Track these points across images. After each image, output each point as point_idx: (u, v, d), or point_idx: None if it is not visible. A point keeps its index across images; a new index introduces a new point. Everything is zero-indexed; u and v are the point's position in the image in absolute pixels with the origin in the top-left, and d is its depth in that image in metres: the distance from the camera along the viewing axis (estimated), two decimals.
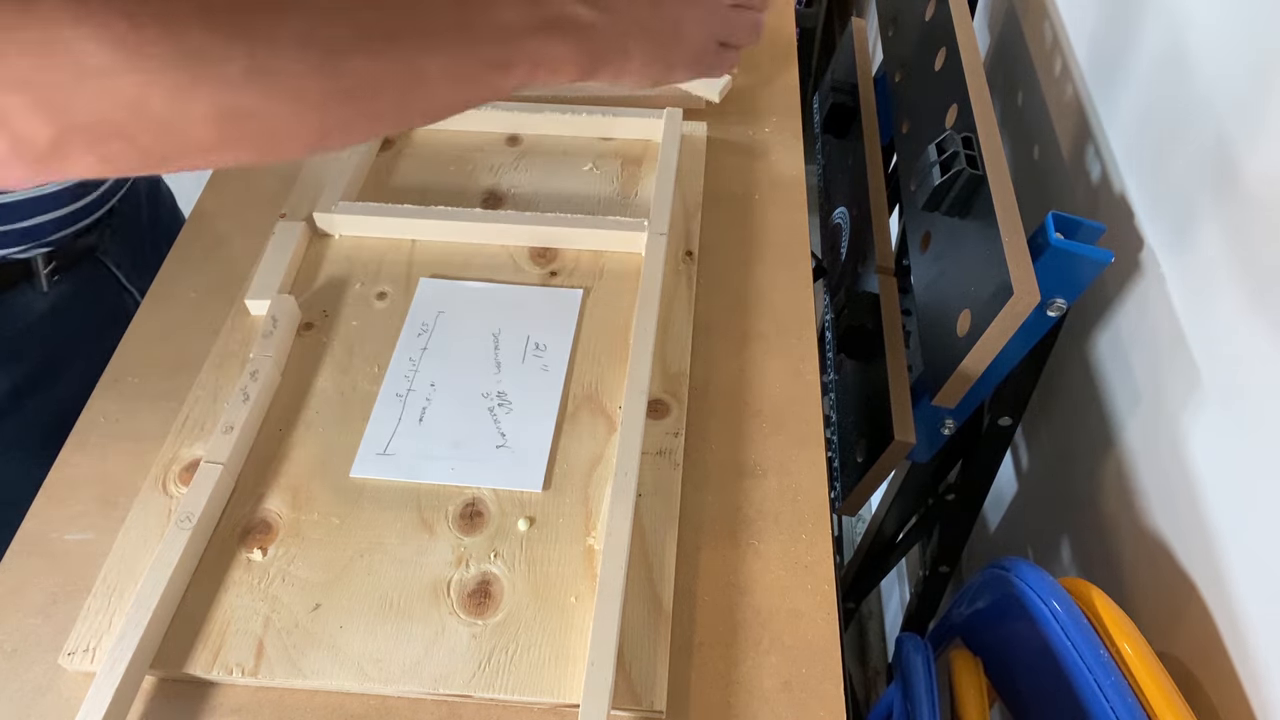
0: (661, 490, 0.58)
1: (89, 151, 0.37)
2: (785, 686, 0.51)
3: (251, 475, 0.59)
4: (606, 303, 0.69)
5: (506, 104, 0.81)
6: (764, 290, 0.71)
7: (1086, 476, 0.77)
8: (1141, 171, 0.70)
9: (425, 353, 0.66)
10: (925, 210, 0.74)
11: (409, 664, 0.51)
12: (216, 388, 0.64)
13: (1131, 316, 0.70)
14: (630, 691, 0.50)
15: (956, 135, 0.71)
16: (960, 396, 0.68)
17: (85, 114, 0.36)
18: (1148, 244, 0.68)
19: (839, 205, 0.98)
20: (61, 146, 0.36)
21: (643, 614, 0.53)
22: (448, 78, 0.45)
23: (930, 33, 0.86)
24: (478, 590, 0.54)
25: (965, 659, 0.69)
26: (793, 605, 0.55)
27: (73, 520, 0.58)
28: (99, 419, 0.63)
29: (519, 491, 0.59)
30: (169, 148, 0.38)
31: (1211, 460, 0.59)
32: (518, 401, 0.63)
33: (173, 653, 0.52)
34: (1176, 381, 0.63)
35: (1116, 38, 0.76)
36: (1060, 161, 0.86)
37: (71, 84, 0.35)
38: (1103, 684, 0.54)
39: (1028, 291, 0.59)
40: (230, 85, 0.37)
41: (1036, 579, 0.60)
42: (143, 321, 0.69)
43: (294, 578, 0.55)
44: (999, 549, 0.95)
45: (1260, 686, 0.53)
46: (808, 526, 0.58)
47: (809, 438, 0.62)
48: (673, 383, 0.64)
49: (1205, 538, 0.59)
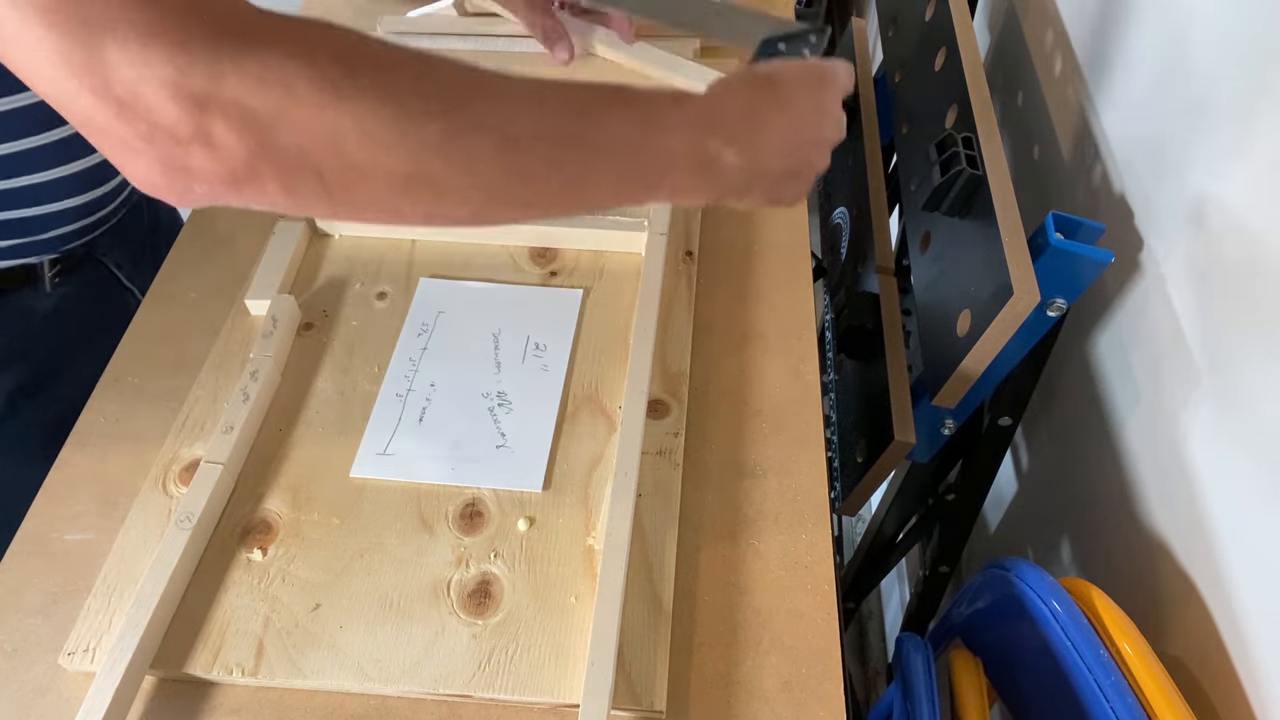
0: (661, 490, 0.58)
1: (278, 178, 0.40)
2: (785, 686, 0.51)
3: (251, 475, 0.59)
4: (606, 303, 0.69)
5: None
6: (764, 290, 0.71)
7: (1086, 476, 0.77)
8: (1141, 171, 0.70)
9: (425, 353, 0.66)
10: (925, 210, 0.74)
11: (409, 664, 0.51)
12: (216, 388, 0.64)
13: (1131, 316, 0.70)
14: (630, 691, 0.50)
15: (956, 135, 0.71)
16: (960, 396, 0.68)
17: (284, 140, 0.38)
18: (1148, 244, 0.68)
19: (839, 205, 0.98)
20: (256, 168, 0.39)
21: (643, 614, 0.53)
22: (606, 187, 0.49)
23: (930, 33, 0.86)
24: (478, 590, 0.54)
25: (965, 659, 0.69)
26: (793, 605, 0.55)
27: (73, 520, 0.58)
28: (99, 419, 0.63)
29: (519, 491, 0.59)
30: (351, 191, 0.41)
31: (1211, 460, 0.59)
32: (518, 401, 0.63)
33: (173, 653, 0.52)
34: (1176, 381, 0.63)
35: (1116, 38, 0.76)
36: (1060, 161, 0.86)
37: (278, 111, 0.38)
38: (1103, 684, 0.54)
39: (1028, 291, 0.59)
40: (422, 148, 0.41)
41: (1036, 579, 0.60)
42: (143, 321, 0.69)
43: (294, 578, 0.55)
44: (999, 549, 0.95)
45: (1260, 686, 0.53)
46: (808, 526, 0.58)
47: (809, 438, 0.62)
48: (673, 383, 0.64)
49: (1205, 538, 0.59)
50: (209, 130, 0.37)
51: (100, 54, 0.36)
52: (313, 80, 0.38)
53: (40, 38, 0.36)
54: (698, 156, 0.51)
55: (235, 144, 0.38)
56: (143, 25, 0.36)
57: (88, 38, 0.35)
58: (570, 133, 0.46)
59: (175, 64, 0.36)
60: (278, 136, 0.38)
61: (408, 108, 0.40)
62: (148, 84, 0.36)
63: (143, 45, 0.36)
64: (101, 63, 0.36)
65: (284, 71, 0.38)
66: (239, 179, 0.39)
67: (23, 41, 0.36)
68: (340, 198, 0.41)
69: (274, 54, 0.38)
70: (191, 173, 0.39)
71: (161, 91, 0.36)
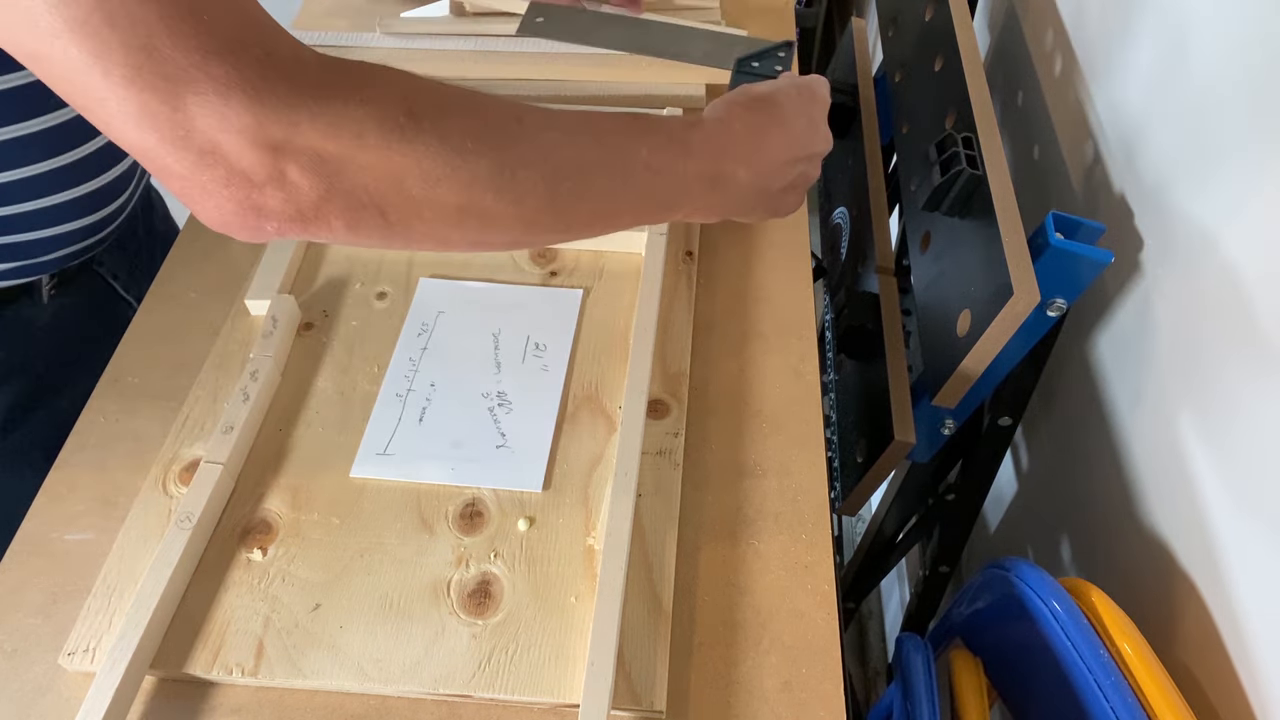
0: (661, 490, 0.58)
1: (344, 216, 0.42)
2: (785, 686, 0.51)
3: (251, 475, 0.59)
4: (606, 303, 0.69)
5: None
6: (764, 290, 0.71)
7: (1086, 476, 0.77)
8: (1141, 172, 0.70)
9: (425, 353, 0.66)
10: (925, 210, 0.74)
11: (409, 664, 0.51)
12: (216, 388, 0.64)
13: (1131, 316, 0.70)
14: (630, 691, 0.50)
15: (956, 135, 0.71)
16: (960, 396, 0.68)
17: (351, 182, 0.41)
18: (1148, 244, 0.68)
19: (839, 205, 0.98)
20: (324, 208, 0.41)
21: (643, 614, 0.53)
22: (632, 211, 0.53)
23: (930, 33, 0.86)
24: (478, 590, 0.54)
25: (965, 659, 0.69)
26: (793, 605, 0.55)
27: (73, 520, 0.58)
28: (99, 419, 0.63)
29: (519, 491, 0.59)
30: (409, 225, 0.44)
31: (1211, 460, 0.59)
32: (518, 401, 0.63)
33: (173, 653, 0.52)
34: (1176, 381, 0.63)
35: (1116, 38, 0.76)
36: (1060, 161, 0.86)
37: (348, 156, 0.40)
38: (1103, 684, 0.54)
39: (1028, 291, 0.59)
40: (474, 182, 0.44)
41: (1036, 579, 0.60)
42: (143, 321, 0.69)
43: (294, 578, 0.55)
44: (999, 549, 0.95)
45: (1260, 686, 0.53)
46: (808, 526, 0.58)
47: (809, 438, 0.62)
48: (673, 383, 0.64)
49: (1205, 538, 0.59)
50: (283, 174, 0.40)
51: (181, 108, 0.37)
52: (381, 125, 0.41)
53: (123, 95, 0.37)
54: (714, 178, 0.55)
55: (307, 187, 0.40)
56: (221, 79, 0.37)
57: (169, 93, 0.37)
58: (605, 162, 0.50)
59: (253, 114, 0.38)
60: (346, 179, 0.41)
61: (463, 146, 0.43)
62: (227, 134, 0.38)
63: (222, 98, 0.37)
64: (183, 116, 0.37)
65: (354, 118, 0.40)
66: (307, 218, 0.41)
67: (106, 97, 0.37)
68: (398, 230, 0.44)
69: (345, 102, 0.40)
70: (264, 213, 0.41)
71: (240, 140, 0.38)
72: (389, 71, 0.43)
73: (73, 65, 0.37)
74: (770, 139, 0.59)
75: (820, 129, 0.64)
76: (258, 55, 0.39)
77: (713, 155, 0.55)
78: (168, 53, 0.37)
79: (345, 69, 0.42)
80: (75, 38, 0.36)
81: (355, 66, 0.43)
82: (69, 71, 0.37)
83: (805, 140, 0.62)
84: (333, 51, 0.91)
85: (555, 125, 0.48)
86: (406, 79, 0.44)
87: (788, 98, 0.62)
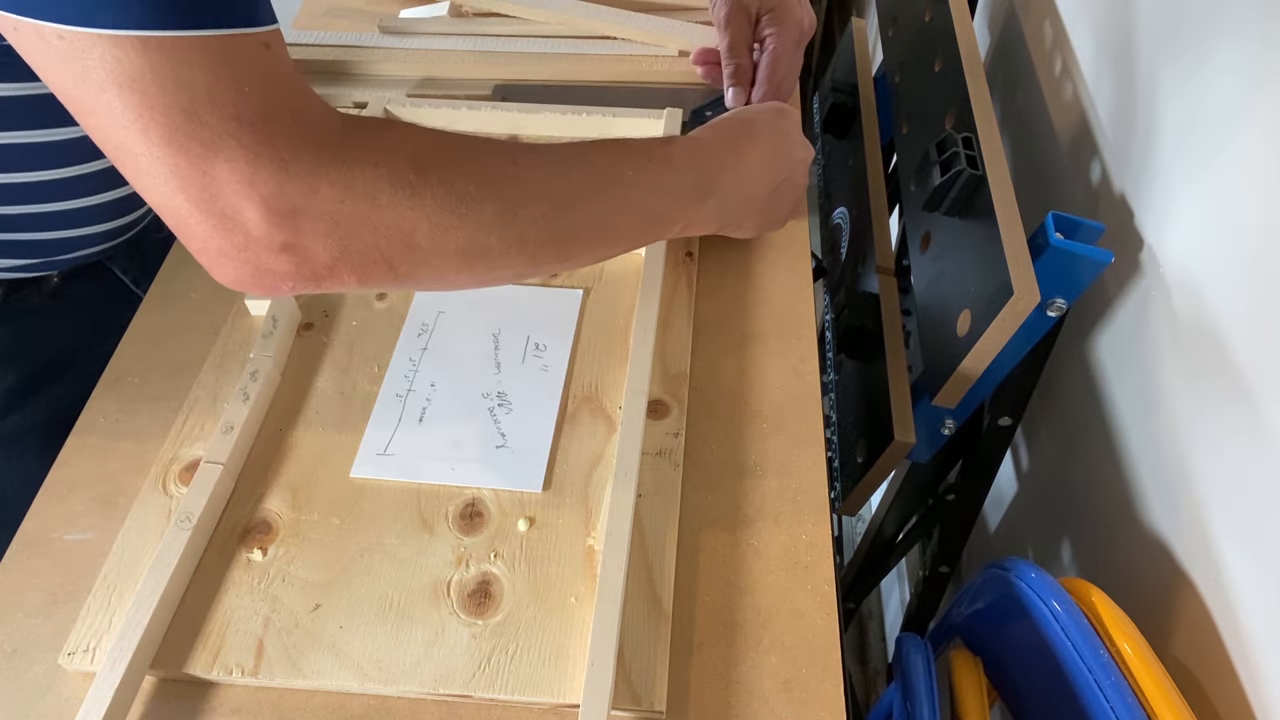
0: (661, 490, 0.58)
1: (355, 272, 0.43)
2: (785, 686, 0.51)
3: (251, 475, 0.59)
4: (606, 303, 0.69)
5: (506, 104, 0.82)
6: (764, 290, 0.71)
7: (1086, 476, 0.77)
8: (1141, 171, 0.70)
9: (425, 353, 0.66)
10: (925, 210, 0.74)
11: (409, 664, 0.51)
12: (216, 388, 0.64)
13: (1131, 316, 0.70)
14: (630, 691, 0.50)
15: (956, 135, 0.71)
16: (960, 396, 0.68)
17: (363, 241, 0.42)
18: (1148, 244, 0.68)
19: (839, 205, 0.98)
20: (336, 268, 0.43)
21: (643, 614, 0.53)
22: (628, 228, 0.55)
23: (930, 33, 0.86)
24: (478, 590, 0.54)
25: (965, 659, 0.69)
26: (793, 605, 0.55)
27: (73, 520, 0.58)
28: (99, 419, 0.63)
29: (519, 491, 0.59)
30: (418, 273, 0.46)
31: (1212, 460, 0.59)
32: (518, 401, 0.63)
33: (173, 653, 0.52)
34: (1176, 381, 0.63)
35: (1117, 38, 0.76)
36: (1060, 161, 0.86)
37: (361, 217, 0.42)
38: (1103, 684, 0.54)
39: (1028, 291, 0.59)
40: (480, 228, 0.45)
41: (1036, 579, 0.60)
42: (143, 321, 0.69)
43: (294, 578, 0.55)
44: (999, 549, 0.95)
45: (1260, 687, 0.53)
46: (808, 527, 0.58)
47: (809, 438, 0.62)
48: (673, 383, 0.64)
49: (1205, 538, 0.59)
50: (299, 240, 0.41)
51: (211, 172, 0.38)
52: (393, 184, 0.42)
53: (158, 155, 0.38)
54: (699, 187, 0.57)
55: (321, 250, 0.42)
56: (253, 146, 0.39)
57: (202, 157, 0.38)
58: (596, 188, 0.52)
59: (277, 181, 0.39)
60: (358, 239, 0.42)
61: (467, 194, 0.45)
62: (250, 200, 0.39)
63: (251, 165, 0.39)
64: (211, 180, 0.39)
65: (368, 180, 0.41)
66: (320, 277, 0.43)
67: (141, 154, 0.38)
68: (406, 278, 0.45)
69: (361, 164, 0.41)
70: (279, 275, 0.42)
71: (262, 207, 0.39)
72: (398, 126, 0.45)
73: (114, 119, 0.38)
74: (745, 148, 0.61)
75: (794, 137, 0.66)
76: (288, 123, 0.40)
77: (693, 164, 0.57)
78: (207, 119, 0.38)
79: (362, 128, 0.43)
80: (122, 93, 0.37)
81: (370, 124, 0.44)
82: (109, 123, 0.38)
83: (781, 147, 0.64)
84: (332, 52, 0.92)
85: (546, 161, 0.50)
86: (414, 133, 0.45)
87: (755, 114, 0.65)
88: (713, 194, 0.58)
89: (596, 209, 0.52)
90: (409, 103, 0.81)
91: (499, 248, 0.47)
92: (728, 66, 0.79)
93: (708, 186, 0.58)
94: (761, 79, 0.78)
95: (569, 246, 0.51)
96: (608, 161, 0.53)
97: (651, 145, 0.56)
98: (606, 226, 0.53)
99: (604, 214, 0.52)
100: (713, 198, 0.59)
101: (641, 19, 0.90)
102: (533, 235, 0.48)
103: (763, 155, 0.63)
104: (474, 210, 0.45)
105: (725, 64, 0.79)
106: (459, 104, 0.81)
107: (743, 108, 0.68)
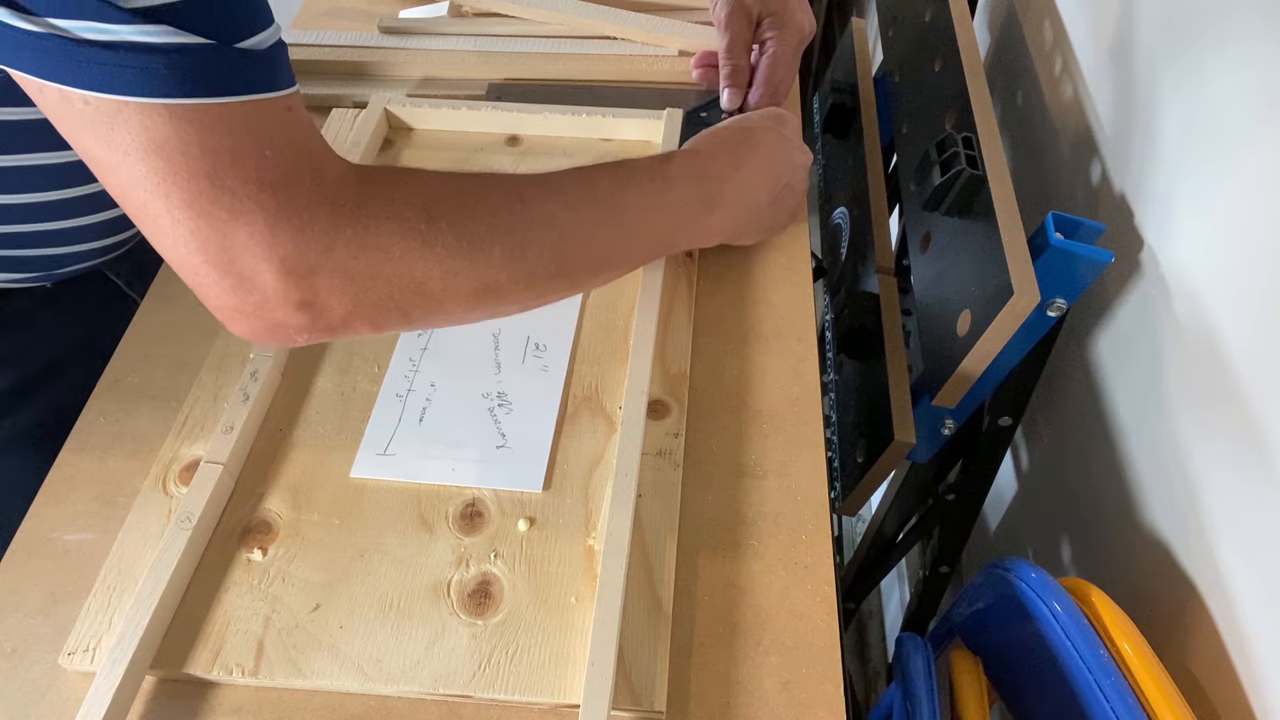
0: (661, 491, 0.58)
1: (368, 322, 0.44)
2: (785, 686, 0.51)
3: (251, 475, 0.59)
4: (606, 303, 0.69)
5: (506, 104, 0.82)
6: (764, 290, 0.71)
7: (1086, 476, 0.77)
8: (1141, 171, 0.70)
9: (425, 353, 0.66)
10: (925, 210, 0.74)
11: (409, 664, 0.51)
12: (216, 388, 0.64)
13: (1131, 316, 0.70)
14: (630, 691, 0.50)
15: (956, 135, 0.71)
16: (960, 396, 0.68)
17: (377, 294, 0.43)
18: (1148, 244, 0.68)
19: (839, 205, 0.98)
20: (351, 320, 0.43)
21: (643, 614, 0.53)
22: (634, 251, 0.56)
23: (930, 33, 0.86)
24: (478, 590, 0.54)
25: (965, 659, 0.69)
26: (793, 605, 0.55)
27: (73, 520, 0.58)
28: (99, 419, 0.63)
29: (519, 491, 0.59)
30: (430, 317, 0.46)
31: (1211, 460, 0.59)
32: (518, 401, 0.63)
33: (173, 653, 0.52)
34: (1176, 381, 0.63)
35: (1116, 37, 0.76)
36: (1060, 161, 0.86)
37: (374, 271, 0.42)
38: (1103, 684, 0.54)
39: (1028, 291, 0.59)
40: (489, 268, 0.46)
41: (1036, 579, 0.60)
42: (143, 321, 0.69)
43: (294, 578, 0.55)
44: (999, 549, 0.95)
45: (1260, 687, 0.53)
46: (808, 527, 0.58)
47: (809, 438, 0.62)
48: (673, 383, 0.64)
49: (1205, 538, 0.59)
50: (314, 298, 0.41)
51: (230, 236, 0.39)
52: (405, 235, 0.43)
53: (178, 218, 0.39)
54: (702, 200, 0.58)
55: (336, 304, 0.42)
56: (273, 209, 0.39)
57: (222, 221, 0.39)
58: (601, 216, 0.52)
59: (295, 243, 0.40)
60: (372, 292, 0.43)
61: (476, 237, 0.45)
62: (269, 262, 0.40)
63: (270, 228, 0.39)
64: (230, 242, 0.39)
65: (380, 234, 0.42)
66: (335, 329, 0.44)
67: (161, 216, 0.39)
68: (419, 323, 0.47)
69: (375, 218, 0.42)
70: (295, 329, 0.43)
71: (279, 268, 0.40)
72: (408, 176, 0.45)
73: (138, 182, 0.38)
74: (745, 155, 0.61)
75: (793, 141, 0.66)
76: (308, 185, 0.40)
77: (694, 179, 0.57)
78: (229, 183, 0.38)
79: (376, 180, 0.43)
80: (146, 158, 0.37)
81: (383, 176, 0.44)
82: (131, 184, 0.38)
83: (780, 153, 0.64)
84: (332, 52, 0.91)
85: (551, 194, 0.50)
86: (424, 180, 0.45)
87: (754, 121, 0.64)
88: (716, 207, 0.59)
89: (602, 237, 0.52)
90: (409, 102, 0.81)
91: (508, 285, 0.47)
92: (725, 66, 0.78)
93: (711, 200, 0.58)
94: (759, 80, 0.78)
95: (576, 276, 0.52)
96: (611, 187, 0.54)
97: (653, 165, 0.57)
98: (612, 253, 0.54)
99: (610, 241, 0.53)
100: (717, 210, 0.59)
101: (641, 19, 0.90)
102: (541, 270, 0.49)
103: (763, 163, 0.63)
104: (483, 252, 0.45)
105: (723, 64, 0.78)
106: (459, 104, 0.81)
107: (742, 115, 0.67)
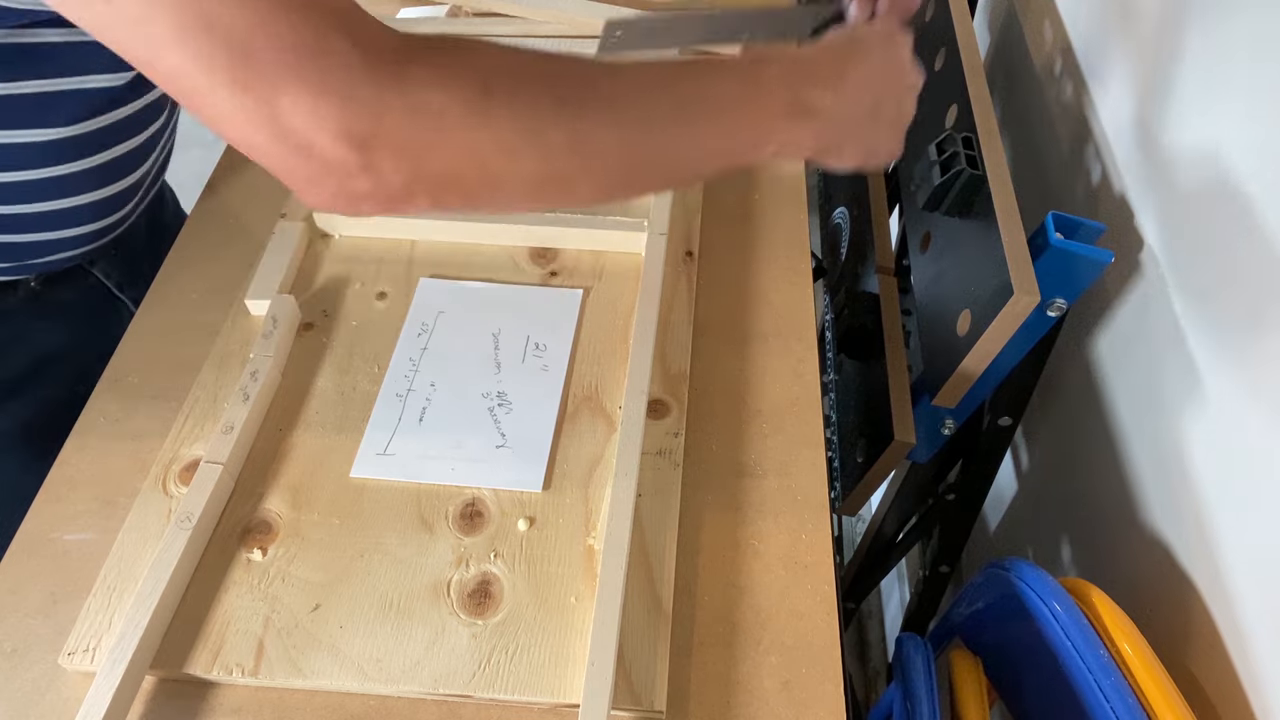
0: (661, 490, 0.58)
1: (428, 195, 0.44)
2: (785, 686, 0.51)
3: (251, 475, 0.59)
4: (606, 303, 0.69)
5: None
6: (764, 290, 0.71)
7: (1086, 476, 0.77)
8: (1141, 171, 0.70)
9: (425, 353, 0.66)
10: (925, 210, 0.74)
11: (409, 664, 0.51)
12: (216, 388, 0.64)
13: (1131, 316, 0.70)
14: (630, 691, 0.50)
15: (956, 135, 0.71)
16: (960, 396, 0.68)
17: (435, 165, 0.43)
18: (1148, 244, 0.68)
19: (839, 205, 0.98)
20: (411, 190, 0.43)
21: (643, 614, 0.53)
22: (719, 152, 0.53)
23: (930, 33, 0.86)
24: (478, 590, 0.54)
25: (965, 659, 0.69)
26: (793, 605, 0.55)
27: (73, 520, 0.58)
28: (99, 419, 0.63)
29: (519, 491, 0.59)
30: (492, 196, 0.45)
31: (1211, 460, 0.59)
32: (518, 401, 0.63)
33: (173, 653, 0.52)
34: (1176, 381, 0.63)
35: (1117, 38, 0.76)
36: (1060, 161, 0.86)
37: (429, 141, 0.42)
38: (1103, 684, 0.54)
39: (1028, 291, 0.59)
40: (552, 152, 0.45)
41: (1036, 579, 0.60)
42: (143, 321, 0.69)
43: (294, 578, 0.55)
44: (999, 549, 0.95)
45: (1260, 687, 0.53)
46: (808, 527, 0.58)
47: (809, 438, 0.62)
48: (673, 383, 0.64)
49: (1205, 538, 0.59)
50: (372, 164, 0.42)
51: (276, 108, 0.40)
52: (459, 106, 0.42)
53: (225, 98, 0.40)
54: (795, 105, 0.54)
55: (394, 173, 0.42)
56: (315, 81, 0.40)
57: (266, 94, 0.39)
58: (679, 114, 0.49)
59: (342, 112, 0.40)
60: (429, 163, 0.43)
61: (538, 117, 0.44)
62: (320, 132, 0.40)
63: (314, 98, 0.40)
64: (278, 115, 0.40)
65: (431, 102, 0.41)
66: (396, 199, 0.43)
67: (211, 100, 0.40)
68: (482, 202, 0.45)
69: (426, 87, 0.42)
70: (359, 198, 0.43)
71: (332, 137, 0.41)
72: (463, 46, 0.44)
73: (180, 70, 0.39)
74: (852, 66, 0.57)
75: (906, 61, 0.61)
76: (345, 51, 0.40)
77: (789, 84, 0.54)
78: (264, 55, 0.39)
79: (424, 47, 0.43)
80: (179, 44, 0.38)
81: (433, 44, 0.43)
82: (178, 76, 0.39)
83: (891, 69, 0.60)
84: None
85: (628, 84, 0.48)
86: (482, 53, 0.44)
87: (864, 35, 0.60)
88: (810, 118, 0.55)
89: (679, 136, 0.50)
90: None
91: (575, 174, 0.46)
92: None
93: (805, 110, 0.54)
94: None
95: (648, 176, 0.50)
96: (692, 84, 0.51)
97: (744, 66, 0.53)
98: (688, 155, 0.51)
99: (687, 141, 0.51)
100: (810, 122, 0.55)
101: None
102: (609, 165, 0.47)
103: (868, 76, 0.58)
104: (546, 135, 0.44)
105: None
106: None
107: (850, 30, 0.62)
